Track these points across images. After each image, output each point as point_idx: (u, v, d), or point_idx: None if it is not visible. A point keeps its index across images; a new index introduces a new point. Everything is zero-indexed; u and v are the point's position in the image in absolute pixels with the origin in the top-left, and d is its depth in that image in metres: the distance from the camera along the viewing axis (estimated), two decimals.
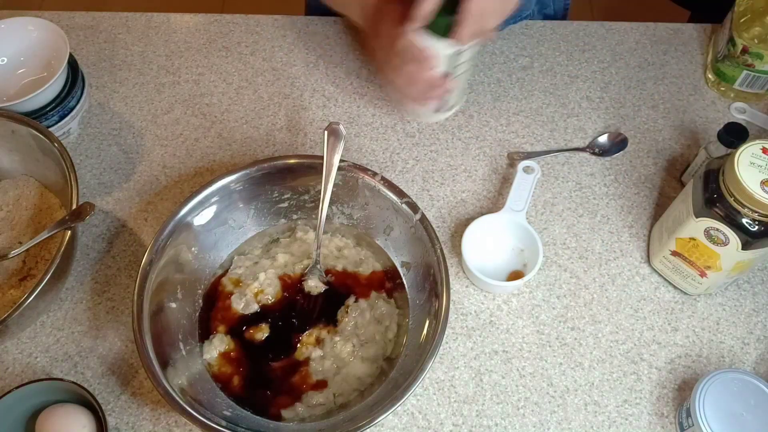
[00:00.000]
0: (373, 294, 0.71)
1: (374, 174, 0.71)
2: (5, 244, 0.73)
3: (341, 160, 0.69)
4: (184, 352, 0.65)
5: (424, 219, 0.68)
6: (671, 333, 0.72)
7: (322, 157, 0.69)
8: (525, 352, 0.71)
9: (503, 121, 0.87)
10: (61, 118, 0.80)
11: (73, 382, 0.63)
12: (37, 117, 0.77)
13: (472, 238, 0.74)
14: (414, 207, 0.69)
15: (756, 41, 0.81)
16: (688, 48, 0.94)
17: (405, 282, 0.71)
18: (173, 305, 0.67)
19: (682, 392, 0.69)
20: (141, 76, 0.91)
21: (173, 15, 0.98)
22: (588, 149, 0.85)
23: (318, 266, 0.71)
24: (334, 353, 0.67)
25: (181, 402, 0.57)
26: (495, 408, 0.68)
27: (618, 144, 0.85)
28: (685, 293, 0.74)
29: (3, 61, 0.82)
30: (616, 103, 0.89)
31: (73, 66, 0.82)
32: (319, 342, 0.68)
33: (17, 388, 0.63)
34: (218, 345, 0.67)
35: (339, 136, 0.69)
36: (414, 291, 0.71)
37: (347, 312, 0.69)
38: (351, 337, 0.68)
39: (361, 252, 0.74)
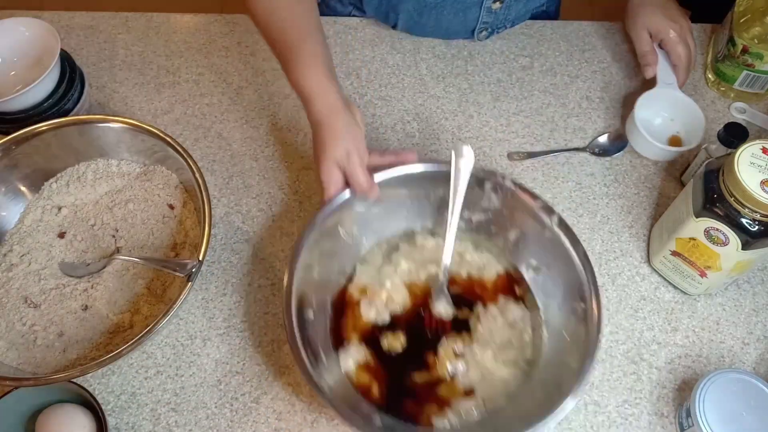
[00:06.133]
0: (502, 299, 0.70)
1: (504, 177, 0.69)
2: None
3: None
4: (325, 362, 0.64)
5: (562, 222, 0.67)
6: (671, 333, 0.72)
7: (447, 164, 0.68)
8: None
9: (503, 121, 0.87)
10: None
11: (73, 382, 0.63)
12: (33, 117, 0.77)
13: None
14: (549, 210, 0.67)
15: (756, 41, 0.81)
16: None
17: (532, 284, 0.70)
18: (310, 315, 0.65)
19: (682, 392, 0.69)
20: (141, 76, 0.91)
21: (173, 15, 0.98)
22: (588, 149, 0.85)
23: (444, 289, 0.69)
24: (475, 361, 0.66)
25: (342, 410, 0.58)
26: None
27: (618, 144, 0.85)
28: (685, 293, 0.74)
29: None
30: (616, 103, 0.89)
31: (71, 68, 0.82)
32: (457, 355, 0.66)
33: (17, 388, 0.63)
34: (355, 354, 0.66)
35: (466, 158, 0.68)
36: (544, 293, 0.70)
37: (479, 320, 0.68)
38: (488, 342, 0.67)
39: (482, 256, 0.73)
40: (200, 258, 0.66)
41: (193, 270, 0.66)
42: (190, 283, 0.65)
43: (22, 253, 0.72)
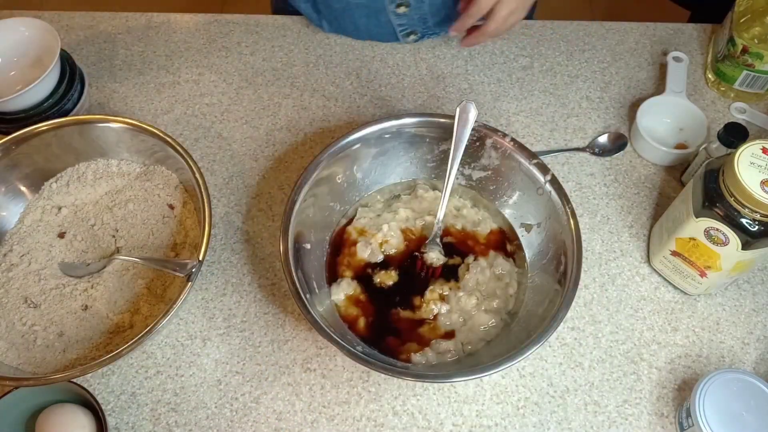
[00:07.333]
0: (492, 253, 0.74)
1: (504, 135, 0.73)
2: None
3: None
4: (317, 291, 0.69)
5: (554, 180, 0.70)
6: (671, 333, 0.72)
7: (451, 117, 0.72)
8: None
9: (503, 121, 0.87)
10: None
11: (73, 382, 0.63)
12: (33, 117, 0.77)
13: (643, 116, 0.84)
14: (544, 168, 0.71)
15: (756, 41, 0.81)
16: (688, 48, 0.94)
17: (523, 242, 0.74)
18: (307, 246, 0.70)
19: (682, 392, 0.69)
20: (141, 76, 0.91)
21: (173, 15, 0.98)
22: (588, 149, 0.85)
23: (437, 240, 0.73)
24: (459, 307, 0.70)
25: (327, 329, 0.62)
26: (495, 408, 0.68)
27: (618, 144, 0.85)
28: (685, 293, 0.74)
29: None
30: (616, 103, 0.89)
31: (71, 68, 0.82)
32: (443, 298, 0.70)
33: (17, 388, 0.63)
34: (346, 288, 0.71)
35: (471, 113, 0.72)
36: (533, 251, 0.73)
37: (468, 269, 0.72)
38: (474, 291, 0.70)
39: (479, 212, 0.77)
40: (200, 258, 0.66)
41: (193, 270, 0.66)
42: (190, 283, 0.65)
43: (22, 253, 0.72)
